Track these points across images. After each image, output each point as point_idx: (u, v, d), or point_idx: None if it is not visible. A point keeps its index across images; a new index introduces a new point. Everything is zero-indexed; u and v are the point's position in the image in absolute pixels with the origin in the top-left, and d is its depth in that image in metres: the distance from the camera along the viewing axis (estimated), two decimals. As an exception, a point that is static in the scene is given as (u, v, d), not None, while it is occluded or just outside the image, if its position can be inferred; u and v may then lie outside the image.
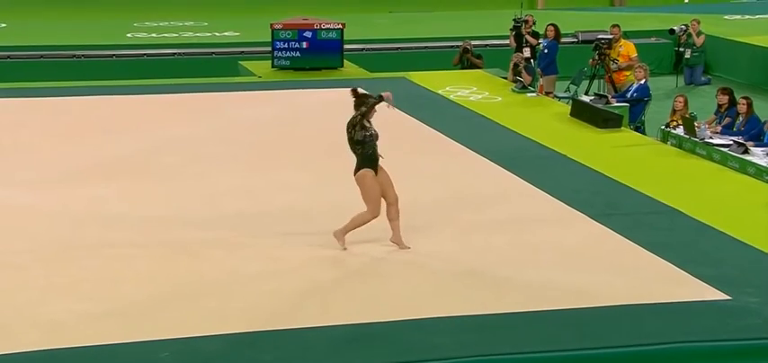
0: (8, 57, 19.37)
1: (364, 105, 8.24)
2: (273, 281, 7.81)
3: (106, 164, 11.22)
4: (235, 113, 14.07)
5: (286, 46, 17.27)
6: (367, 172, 8.24)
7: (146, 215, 9.44)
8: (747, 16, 24.40)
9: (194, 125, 13.33)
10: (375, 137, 8.27)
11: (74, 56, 19.56)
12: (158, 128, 13.14)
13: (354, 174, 8.28)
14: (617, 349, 6.69)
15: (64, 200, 9.84)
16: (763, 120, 12.07)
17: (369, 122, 8.26)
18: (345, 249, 8.37)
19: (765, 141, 11.69)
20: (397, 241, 8.40)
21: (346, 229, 8.40)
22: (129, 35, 21.83)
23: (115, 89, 15.95)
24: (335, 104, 14.69)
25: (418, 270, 8.07)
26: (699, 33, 19.71)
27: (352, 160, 8.30)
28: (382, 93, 8.30)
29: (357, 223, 8.37)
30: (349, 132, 8.23)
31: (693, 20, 20.11)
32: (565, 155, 11.69)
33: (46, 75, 18.32)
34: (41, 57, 19.46)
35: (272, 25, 17.42)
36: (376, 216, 8.33)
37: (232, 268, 8.08)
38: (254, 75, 17.38)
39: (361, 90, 8.49)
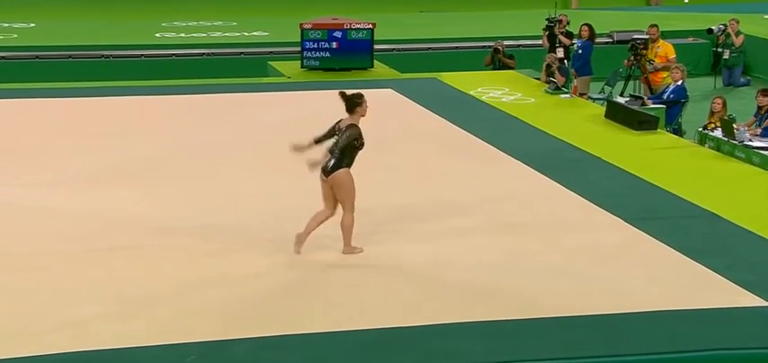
0: (36, 56, 19.57)
1: (364, 105, 8.41)
2: (300, 284, 7.81)
3: (133, 166, 11.29)
4: (263, 114, 14.10)
5: (315, 46, 17.30)
6: (348, 172, 8.31)
7: (172, 216, 9.48)
8: (788, 15, 24.13)
9: (222, 126, 13.37)
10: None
11: (102, 56, 19.73)
12: (186, 130, 13.19)
13: (332, 173, 8.28)
14: (652, 355, 6.62)
15: (90, 202, 9.90)
16: (804, 123, 11.92)
17: None
18: (362, 251, 8.43)
19: (807, 144, 11.55)
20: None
21: (348, 240, 8.38)
22: (157, 35, 21.98)
23: (143, 89, 16.05)
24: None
25: (449, 273, 8.03)
26: (737, 33, 19.52)
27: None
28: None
29: (350, 227, 8.34)
30: (357, 140, 8.28)
31: (732, 19, 19.90)
32: (599, 158, 11.61)
33: (74, 75, 18.49)
34: (69, 57, 19.64)
35: (301, 25, 17.45)
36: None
37: (256, 270, 8.09)
38: (284, 76, 17.42)
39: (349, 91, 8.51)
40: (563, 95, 15.35)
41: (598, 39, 17.04)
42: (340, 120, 8.52)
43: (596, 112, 14.22)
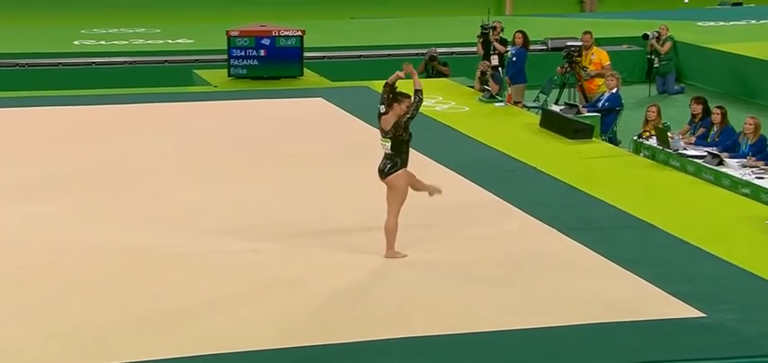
0: (-54, 66, 19.14)
1: (405, 103, 8.41)
2: (216, 301, 7.78)
3: (51, 180, 11.11)
4: (189, 125, 13.99)
5: (243, 54, 17.22)
6: (405, 174, 8.51)
7: (95, 233, 9.36)
8: (721, 23, 24.72)
9: (146, 137, 13.24)
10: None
11: (17, 65, 19.35)
12: (108, 141, 13.03)
13: (389, 175, 8.48)
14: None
15: (3, 219, 9.71)
16: (737, 131, 12.22)
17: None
18: (406, 255, 8.59)
19: (740, 152, 11.84)
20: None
21: (391, 244, 8.56)
22: (76, 43, 21.65)
23: (62, 99, 15.80)
24: (295, 115, 14.73)
25: (385, 288, 8.06)
26: (664, 41, 19.90)
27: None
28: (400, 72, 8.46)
29: (393, 231, 8.53)
30: (397, 132, 8.38)
31: (662, 26, 20.31)
32: (534, 167, 11.76)
33: (-14, 84, 18.10)
34: (-18, 66, 19.24)
35: (228, 32, 17.37)
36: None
37: (184, 289, 8.03)
38: (210, 85, 17.32)
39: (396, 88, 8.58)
40: (497, 104, 15.52)
41: (532, 47, 17.25)
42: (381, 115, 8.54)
43: (531, 121, 14.41)
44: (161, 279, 8.24)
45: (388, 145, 8.56)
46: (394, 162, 8.53)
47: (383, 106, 8.55)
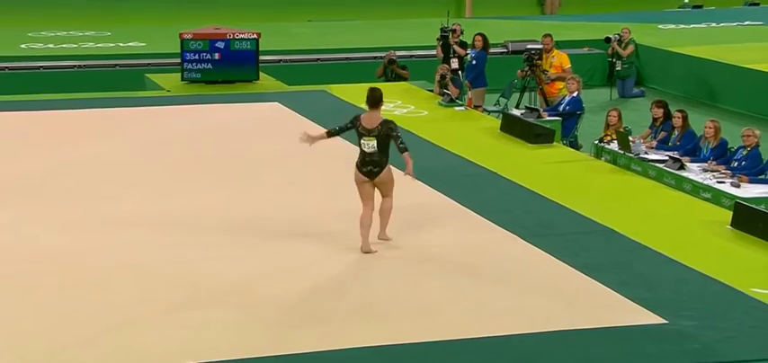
0: None
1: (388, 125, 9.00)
2: (189, 310, 7.74)
3: (-1, 188, 11.00)
4: (141, 131, 13.91)
5: (197, 57, 17.15)
6: (390, 167, 9.06)
7: (42, 242, 9.28)
8: (682, 26, 25.03)
9: (96, 143, 13.14)
10: None
11: (-38, 68, 19.13)
12: (56, 148, 12.92)
13: (382, 174, 9.00)
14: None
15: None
16: (698, 134, 12.39)
17: None
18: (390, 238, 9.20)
19: (701, 156, 12.01)
20: (385, 237, 9.26)
21: (385, 225, 9.18)
22: (23, 46, 21.43)
23: (8, 105, 15.63)
24: (250, 120, 14.70)
25: (341, 296, 8.07)
26: (626, 44, 20.11)
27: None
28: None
29: (388, 213, 9.16)
30: (392, 129, 8.93)
31: (624, 29, 20.52)
32: (495, 173, 11.84)
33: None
34: (-76, 69, 18.99)
35: (181, 35, 17.28)
36: None
37: (136, 299, 7.98)
38: (163, 89, 17.22)
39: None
40: (457, 108, 15.59)
41: (492, 50, 17.36)
42: (357, 116, 8.98)
43: (491, 125, 14.49)
44: (112, 290, 8.18)
45: (373, 143, 8.86)
46: (382, 162, 8.97)
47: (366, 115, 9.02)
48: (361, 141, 8.97)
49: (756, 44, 21.25)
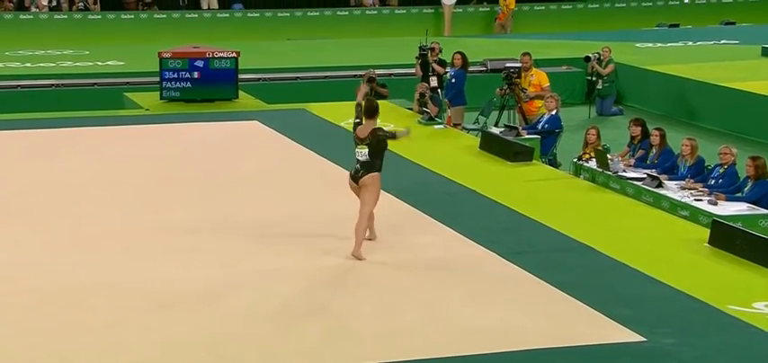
0: None
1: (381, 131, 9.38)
2: (164, 327, 7.70)
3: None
4: (120, 150, 13.85)
5: (176, 76, 17.09)
6: (379, 177, 9.38)
7: (17, 261, 9.21)
8: (659, 44, 25.18)
9: (74, 163, 13.07)
10: None
11: (-62, 87, 18.99)
12: (34, 167, 12.84)
13: (365, 177, 9.30)
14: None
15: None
16: (676, 152, 12.45)
17: None
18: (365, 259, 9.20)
19: (679, 174, 12.07)
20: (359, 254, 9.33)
21: (360, 242, 9.25)
22: (0, 64, 21.31)
23: (-15, 123, 15.54)
24: (230, 138, 14.66)
25: (311, 316, 8.05)
26: (606, 63, 20.22)
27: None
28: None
29: (363, 228, 9.29)
30: (379, 130, 9.29)
31: (605, 47, 20.63)
32: (474, 191, 11.86)
33: None
34: None
35: (160, 54, 17.24)
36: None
37: (113, 318, 7.93)
38: (141, 108, 17.16)
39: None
40: (436, 126, 15.62)
41: (472, 68, 17.39)
42: (356, 124, 9.48)
43: (470, 143, 14.52)
44: (89, 311, 8.13)
45: (365, 151, 9.22)
46: (370, 165, 9.25)
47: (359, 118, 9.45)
48: (356, 150, 9.38)
49: (732, 62, 21.40)
